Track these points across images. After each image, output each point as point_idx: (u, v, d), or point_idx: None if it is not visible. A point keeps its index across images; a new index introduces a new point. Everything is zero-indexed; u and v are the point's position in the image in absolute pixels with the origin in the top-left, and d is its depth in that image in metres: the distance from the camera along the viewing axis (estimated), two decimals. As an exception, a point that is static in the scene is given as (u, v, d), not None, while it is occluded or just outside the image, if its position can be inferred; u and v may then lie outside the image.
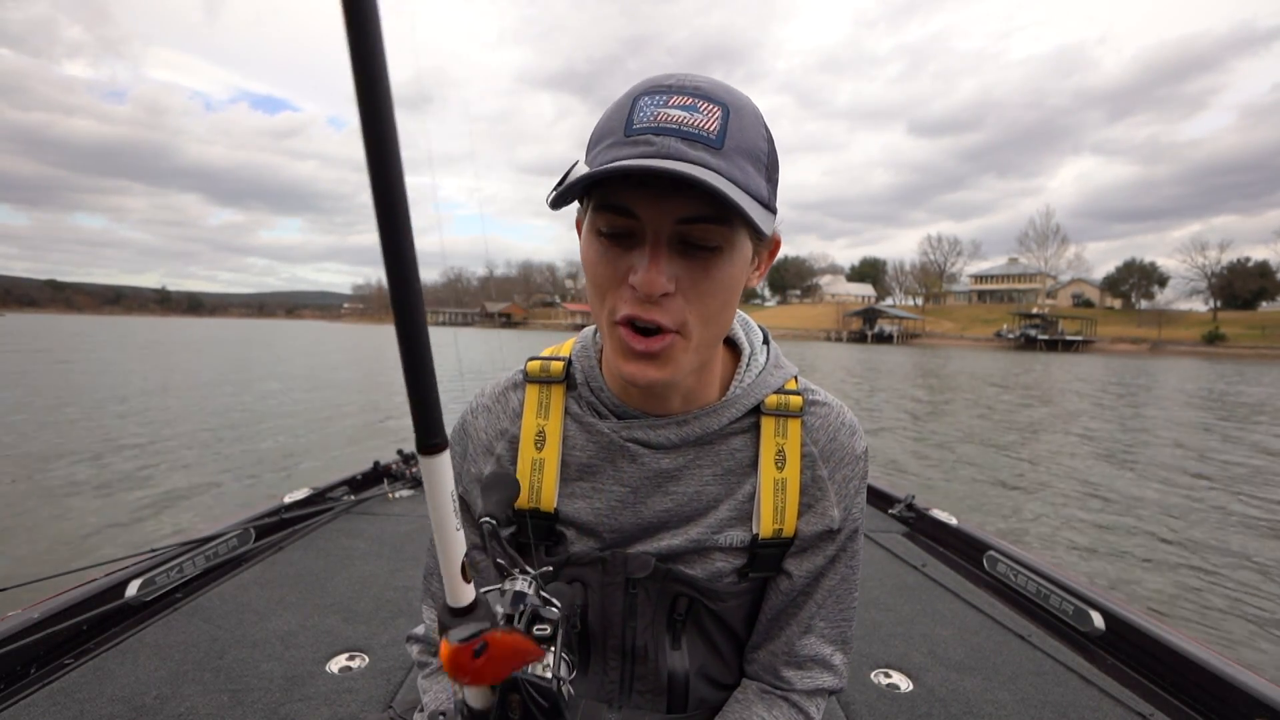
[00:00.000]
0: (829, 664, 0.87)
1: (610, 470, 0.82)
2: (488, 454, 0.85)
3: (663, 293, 0.64)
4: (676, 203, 0.62)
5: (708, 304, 0.66)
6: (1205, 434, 11.30)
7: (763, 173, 0.66)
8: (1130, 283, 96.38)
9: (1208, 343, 67.52)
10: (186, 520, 5.07)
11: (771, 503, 0.81)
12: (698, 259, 0.65)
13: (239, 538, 2.17)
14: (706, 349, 0.71)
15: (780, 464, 0.81)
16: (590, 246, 0.68)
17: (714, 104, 0.63)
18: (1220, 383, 23.85)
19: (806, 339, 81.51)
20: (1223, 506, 6.36)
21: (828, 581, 0.86)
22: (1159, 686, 1.58)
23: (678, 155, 0.60)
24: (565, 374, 0.85)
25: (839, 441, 0.83)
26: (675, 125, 0.61)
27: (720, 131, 0.62)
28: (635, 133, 0.62)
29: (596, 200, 0.65)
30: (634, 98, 0.64)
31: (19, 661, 1.44)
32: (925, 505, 2.77)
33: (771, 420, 0.82)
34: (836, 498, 0.83)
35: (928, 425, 11.62)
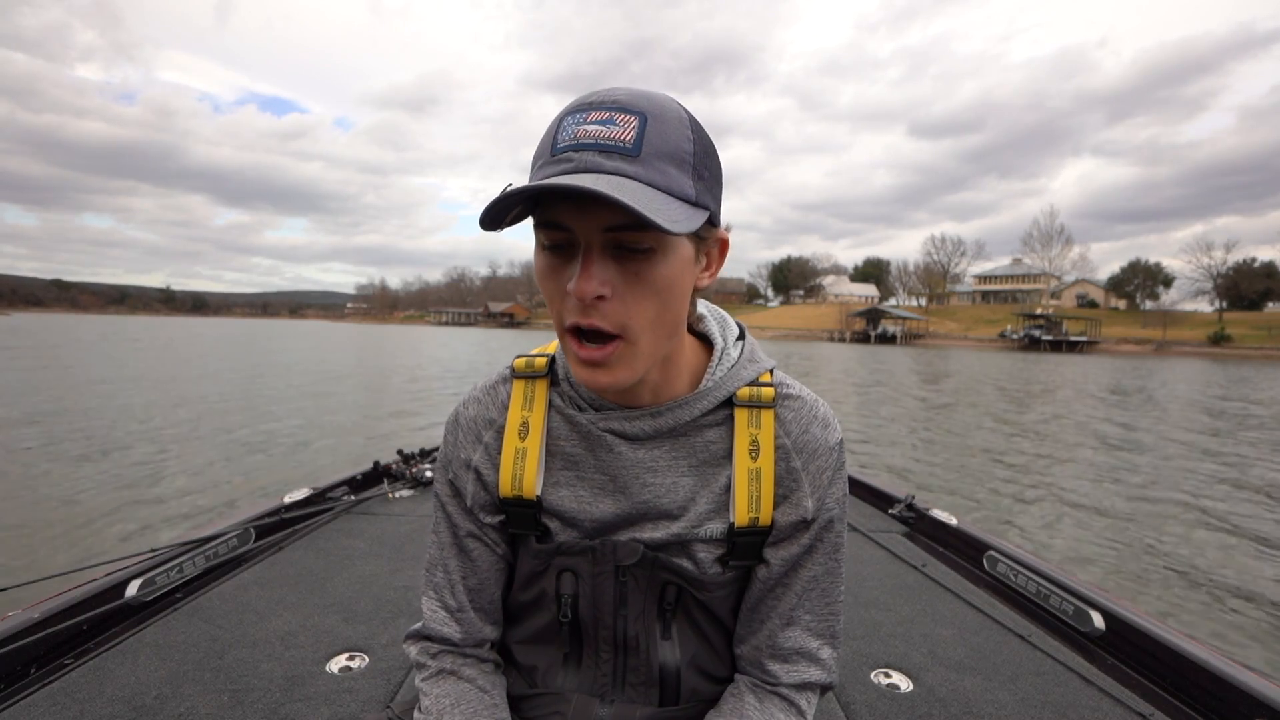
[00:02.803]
0: (815, 658, 0.88)
1: (591, 460, 0.85)
2: (476, 442, 0.89)
3: (596, 296, 0.67)
4: (601, 213, 0.64)
5: (645, 305, 0.69)
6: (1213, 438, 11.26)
7: (688, 172, 0.68)
8: (1135, 283, 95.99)
9: (1213, 343, 67.20)
10: (186, 520, 5.09)
11: (746, 492, 0.84)
12: (630, 263, 0.68)
13: (239, 538, 2.17)
14: (655, 349, 0.74)
15: (754, 454, 0.84)
16: (538, 261, 0.72)
17: (630, 114, 0.66)
18: (1237, 386, 23.75)
19: (809, 339, 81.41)
20: (1225, 506, 6.34)
21: (807, 571, 0.87)
22: (1159, 686, 1.57)
23: (594, 168, 0.64)
24: (548, 369, 0.89)
25: (812, 434, 0.85)
26: (593, 140, 0.65)
27: (637, 140, 0.65)
28: (558, 151, 0.66)
29: (536, 219, 0.69)
30: (560, 119, 0.68)
31: (19, 661, 1.44)
32: (925, 505, 2.76)
33: (745, 411, 0.85)
34: (810, 488, 0.85)
35: (929, 425, 11.59)
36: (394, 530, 2.52)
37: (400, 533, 2.50)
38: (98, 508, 5.30)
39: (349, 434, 9.08)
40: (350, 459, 6.85)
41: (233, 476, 6.47)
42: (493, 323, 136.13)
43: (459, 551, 0.92)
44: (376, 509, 2.78)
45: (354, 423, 10.11)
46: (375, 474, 3.11)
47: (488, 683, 0.90)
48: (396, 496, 2.96)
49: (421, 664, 0.93)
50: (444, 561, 0.92)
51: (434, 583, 0.93)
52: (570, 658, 0.90)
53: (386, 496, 2.94)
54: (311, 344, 37.98)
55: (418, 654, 0.93)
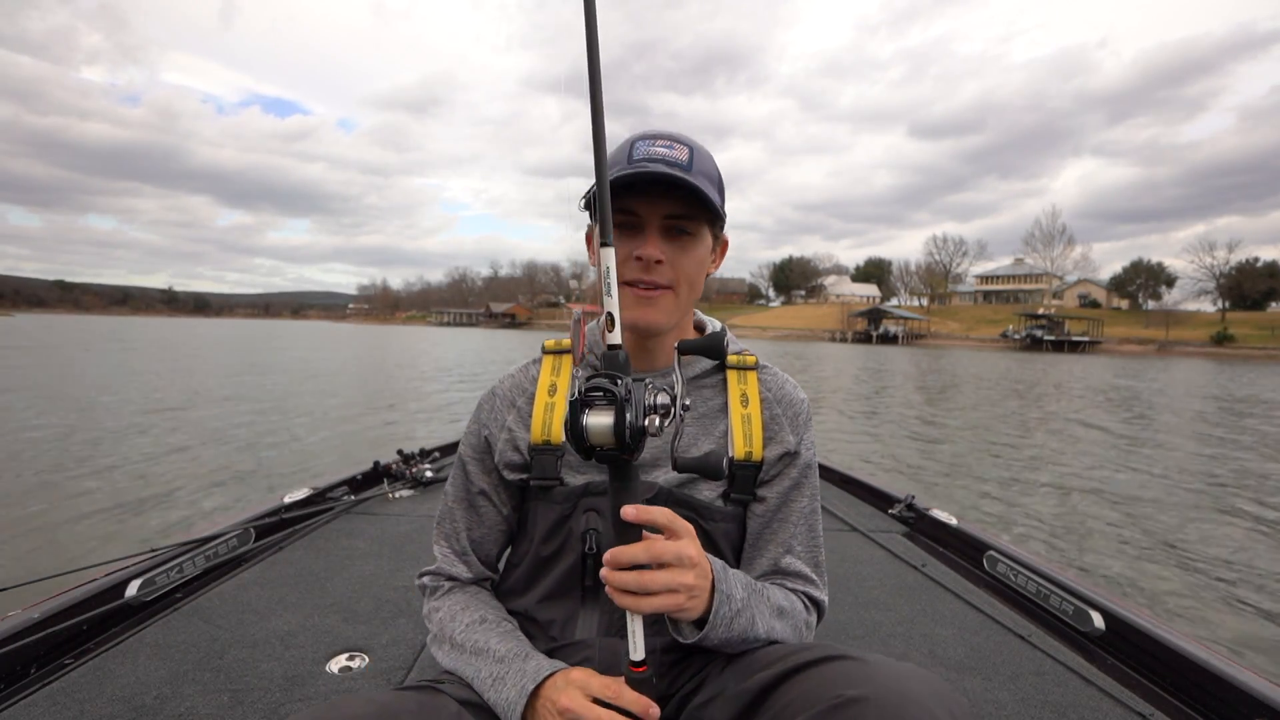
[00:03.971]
0: (811, 579, 1.08)
1: None
2: (510, 406, 1.11)
3: (657, 259, 0.97)
4: (664, 204, 0.98)
5: (686, 270, 1.01)
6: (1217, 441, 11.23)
7: (716, 188, 1.01)
8: (1137, 283, 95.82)
9: (1216, 343, 67.05)
10: (186, 520, 5.09)
11: (741, 431, 1.06)
12: (677, 241, 1.00)
13: (239, 538, 2.17)
14: (686, 305, 1.04)
15: (745, 403, 1.08)
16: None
17: (683, 144, 0.99)
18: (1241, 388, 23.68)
19: (811, 339, 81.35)
20: (1227, 508, 6.33)
21: (796, 505, 1.09)
22: (1159, 686, 1.57)
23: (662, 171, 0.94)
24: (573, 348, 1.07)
25: (786, 391, 1.12)
26: (661, 157, 0.97)
27: (689, 161, 0.98)
28: (636, 162, 0.96)
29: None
30: (632, 142, 1.00)
31: (19, 661, 1.44)
32: (925, 505, 2.76)
33: (734, 372, 1.11)
34: (790, 427, 1.09)
35: (930, 426, 11.58)
36: (394, 530, 2.52)
37: (400, 533, 2.50)
38: (98, 508, 5.31)
39: (349, 433, 9.09)
40: (350, 459, 6.86)
41: (233, 476, 6.48)
42: (494, 323, 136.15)
43: (468, 506, 1.12)
44: (376, 509, 2.78)
45: (354, 422, 10.12)
46: (375, 474, 3.11)
47: (491, 596, 1.12)
48: (396, 496, 2.96)
49: (434, 588, 1.12)
50: (452, 512, 1.13)
51: (444, 531, 1.14)
52: (589, 594, 1.04)
53: (386, 496, 2.94)
54: (313, 344, 37.99)
55: (430, 582, 1.13)
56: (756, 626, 0.93)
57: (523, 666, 0.92)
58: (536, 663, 0.92)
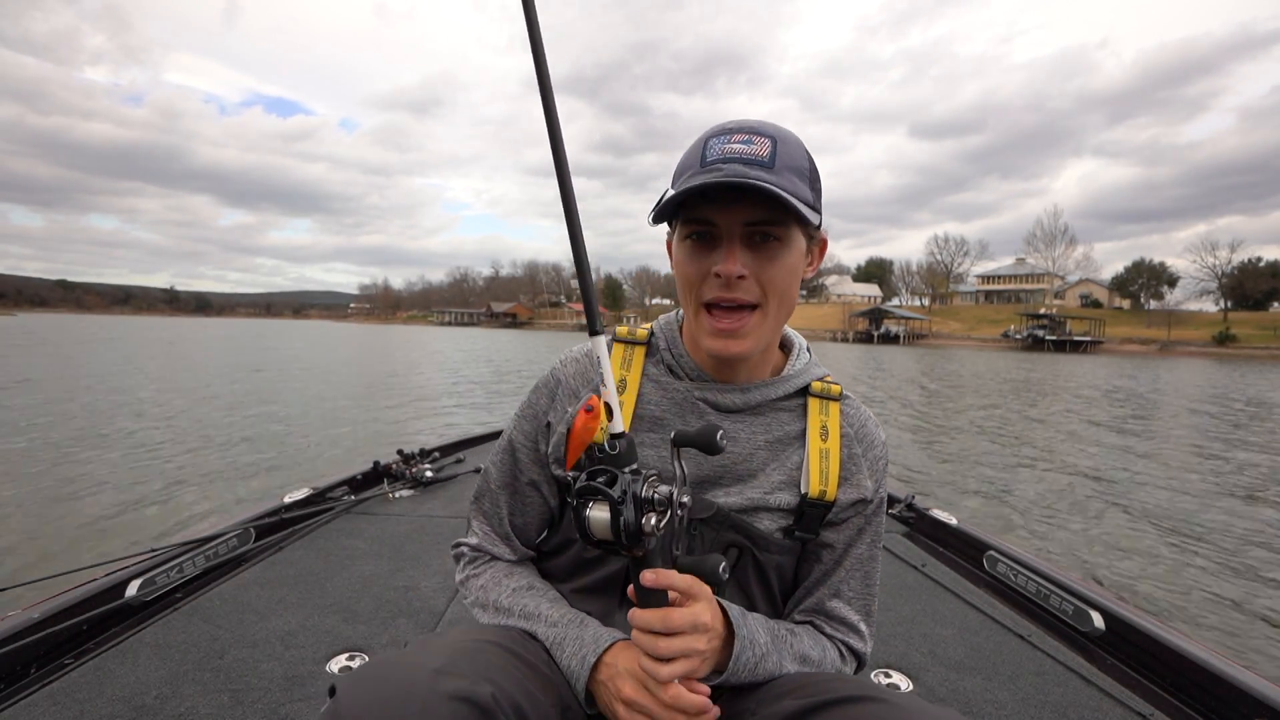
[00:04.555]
0: (856, 628, 1.01)
1: (678, 424, 0.96)
2: (574, 397, 1.00)
3: (739, 275, 0.85)
4: (742, 210, 0.84)
5: (775, 283, 0.87)
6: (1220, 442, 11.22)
7: (806, 182, 0.87)
8: (1139, 283, 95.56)
9: (1218, 343, 66.93)
10: (186, 520, 5.10)
11: (818, 467, 0.97)
12: (762, 251, 0.86)
13: (239, 538, 2.17)
14: (778, 322, 0.92)
15: (824, 436, 0.99)
16: (680, 251, 0.90)
17: (765, 137, 0.85)
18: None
19: (812, 339, 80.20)
20: (1228, 507, 6.32)
21: (856, 550, 1.01)
22: (1159, 686, 1.57)
23: (741, 175, 0.81)
24: (648, 340, 1.03)
25: (868, 430, 1.02)
26: (738, 155, 0.83)
27: (771, 155, 0.84)
28: (709, 164, 0.84)
29: (683, 217, 0.88)
30: (705, 139, 0.87)
31: (19, 661, 1.45)
32: (925, 505, 2.76)
33: (817, 401, 1.01)
34: (869, 472, 1.00)
35: (930, 426, 11.57)
36: (394, 530, 2.52)
37: (400, 533, 2.50)
38: (98, 507, 5.32)
39: (348, 433, 9.09)
40: (350, 459, 6.86)
41: (233, 476, 6.48)
42: (495, 323, 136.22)
43: (513, 493, 1.04)
44: (376, 509, 2.78)
45: (354, 422, 10.12)
46: (375, 474, 3.11)
47: (534, 570, 1.07)
48: (396, 496, 2.96)
49: (473, 558, 1.06)
50: (494, 494, 1.05)
51: (484, 510, 1.06)
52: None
53: (386, 496, 2.94)
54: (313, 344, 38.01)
55: (469, 553, 1.06)
56: (781, 671, 0.90)
57: (580, 633, 0.89)
58: (594, 630, 0.90)
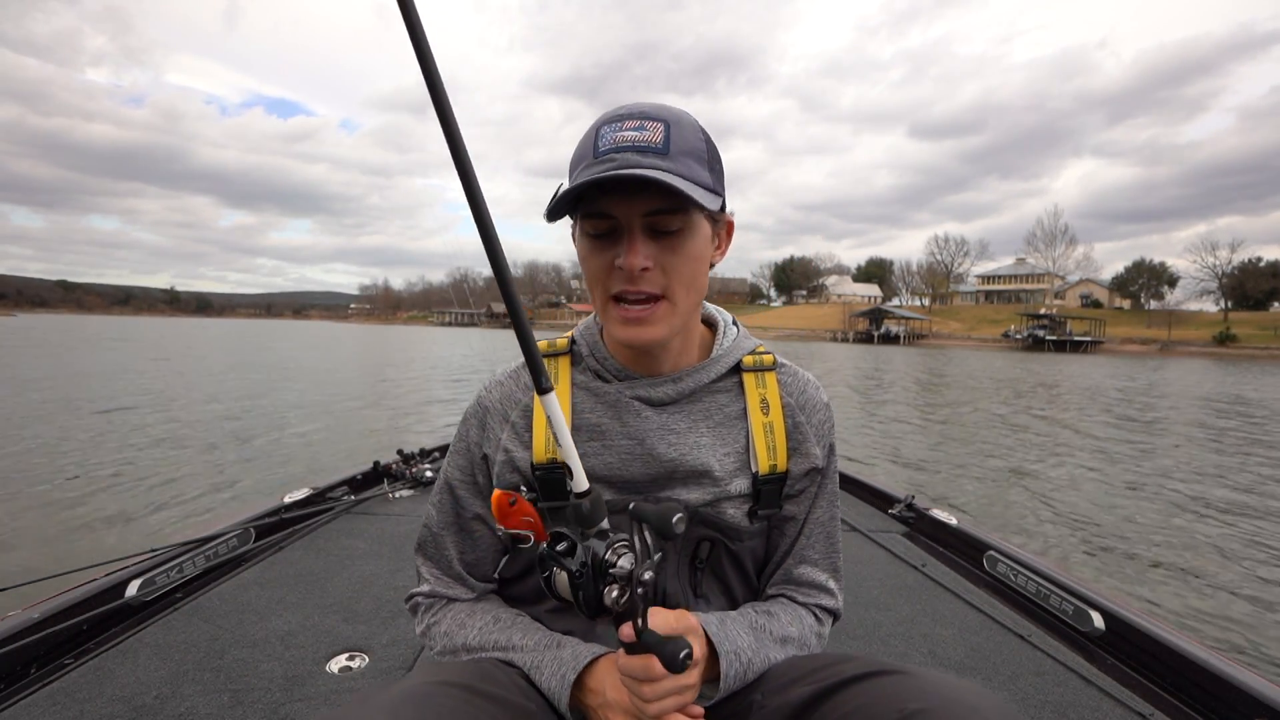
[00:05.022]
0: (824, 587, 1.02)
1: (618, 427, 0.95)
2: (504, 422, 0.99)
3: (642, 268, 0.82)
4: (641, 201, 0.81)
5: (681, 272, 0.85)
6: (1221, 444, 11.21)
7: (705, 165, 0.84)
8: (1139, 283, 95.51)
9: (1219, 343, 66.86)
10: (186, 520, 5.10)
11: (764, 442, 0.96)
12: (666, 240, 0.84)
13: (239, 538, 2.17)
14: (688, 310, 0.89)
15: (765, 409, 0.98)
16: (583, 246, 0.87)
17: (657, 121, 0.81)
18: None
19: (812, 339, 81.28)
20: (1230, 508, 6.32)
21: (815, 515, 1.02)
22: (1159, 686, 1.57)
23: (635, 165, 0.78)
24: (570, 349, 1.01)
25: (809, 394, 1.01)
26: (630, 143, 0.80)
27: (664, 141, 0.80)
28: (601, 154, 0.80)
29: (582, 211, 0.84)
30: (597, 127, 0.83)
31: (19, 661, 1.45)
32: (925, 505, 2.76)
33: (752, 375, 1.00)
34: (815, 437, 1.00)
35: (931, 426, 11.57)
36: (394, 530, 2.52)
37: (400, 533, 2.50)
38: (98, 508, 5.32)
39: (348, 433, 9.09)
40: (350, 459, 6.86)
41: (233, 476, 6.48)
42: (495, 323, 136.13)
43: (459, 530, 1.01)
44: (376, 509, 2.78)
45: (354, 422, 10.12)
46: (375, 474, 3.11)
47: (499, 601, 1.04)
48: (396, 496, 2.96)
49: (429, 607, 1.01)
50: (438, 537, 1.01)
51: (429, 556, 1.03)
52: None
53: (386, 496, 2.94)
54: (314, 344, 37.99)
55: (424, 602, 1.02)
56: (770, 663, 0.90)
57: (558, 654, 0.88)
58: (573, 649, 0.88)
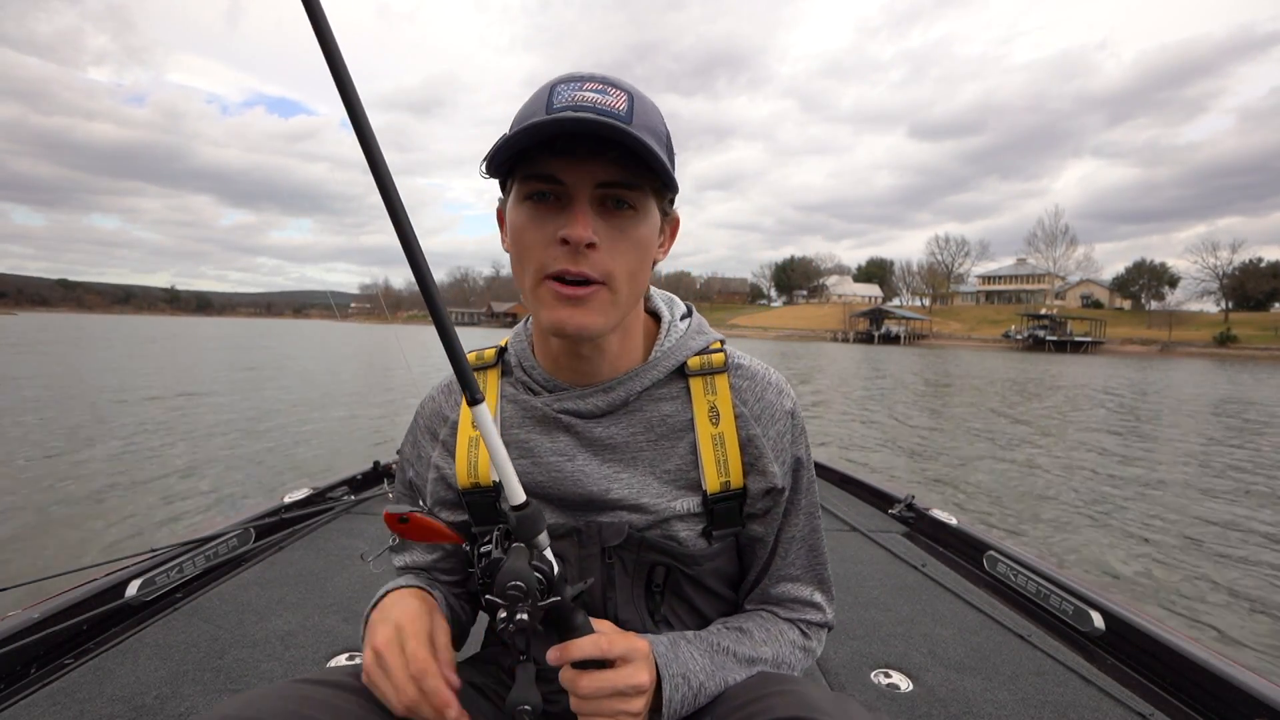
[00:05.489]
0: (809, 602, 0.93)
1: (546, 442, 0.86)
2: (433, 439, 0.93)
3: (589, 243, 0.71)
4: (595, 167, 0.71)
5: (627, 258, 0.74)
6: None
7: (664, 149, 0.73)
8: (1140, 283, 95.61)
9: (1219, 344, 66.88)
10: (186, 520, 5.09)
11: (713, 457, 0.85)
12: (615, 219, 0.74)
13: (239, 538, 2.17)
14: (627, 303, 0.78)
15: (714, 419, 0.86)
16: (519, 214, 0.75)
17: (620, 90, 0.72)
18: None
19: (813, 339, 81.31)
20: (1229, 506, 6.31)
21: (788, 533, 0.91)
22: (1159, 686, 1.57)
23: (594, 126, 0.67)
24: (497, 359, 0.93)
25: (767, 400, 0.88)
26: (591, 104, 0.70)
27: (628, 111, 0.71)
28: (555, 110, 0.69)
29: (523, 173, 0.73)
30: (551, 86, 0.73)
31: (19, 661, 1.45)
32: (925, 505, 2.76)
33: (699, 380, 0.87)
34: (773, 454, 0.87)
35: (931, 425, 11.57)
36: None
37: None
38: (98, 507, 5.31)
39: (348, 433, 9.10)
40: (350, 459, 6.86)
41: (233, 476, 6.48)
42: (496, 322, 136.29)
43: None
44: (376, 509, 2.78)
45: (353, 422, 10.13)
46: (375, 474, 3.11)
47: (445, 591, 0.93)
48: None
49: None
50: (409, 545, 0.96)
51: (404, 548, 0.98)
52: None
53: (387, 496, 2.94)
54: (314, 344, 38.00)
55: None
56: (728, 685, 0.81)
57: (384, 589, 0.85)
58: (394, 582, 0.87)
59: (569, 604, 0.67)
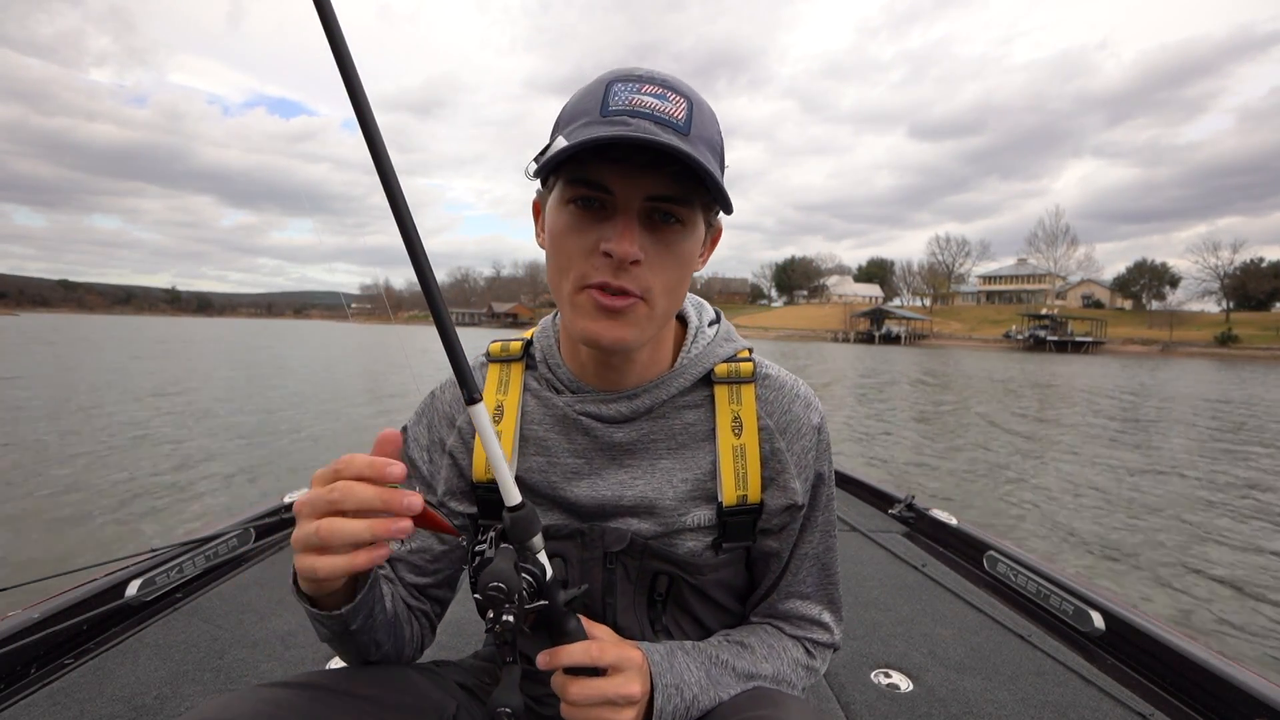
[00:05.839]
0: (817, 621, 0.90)
1: (565, 443, 0.85)
2: (450, 426, 0.89)
3: (633, 259, 0.68)
4: (647, 180, 0.68)
5: (669, 274, 0.72)
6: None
7: (718, 161, 0.72)
8: (1141, 283, 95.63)
9: (1221, 344, 66.87)
10: (186, 520, 5.10)
11: (732, 469, 0.82)
12: (661, 233, 0.71)
13: (239, 538, 2.17)
14: (664, 318, 0.75)
15: (737, 430, 0.83)
16: (560, 217, 0.72)
17: (680, 95, 0.69)
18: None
19: (813, 339, 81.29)
20: (1228, 507, 6.31)
21: (802, 550, 0.88)
22: (1159, 686, 1.57)
23: (652, 135, 0.64)
24: (524, 353, 0.90)
25: (793, 414, 0.85)
26: (649, 110, 0.66)
27: (687, 120, 0.68)
28: (611, 114, 0.67)
29: (569, 175, 0.70)
30: (607, 84, 0.69)
31: (19, 661, 1.44)
32: (925, 505, 2.76)
33: (725, 389, 0.85)
34: (796, 470, 0.84)
35: (931, 425, 11.57)
36: None
37: None
38: (99, 508, 5.32)
39: (349, 434, 9.10)
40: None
41: (233, 476, 6.49)
42: (496, 323, 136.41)
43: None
44: None
45: (353, 422, 10.14)
46: None
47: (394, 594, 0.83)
48: None
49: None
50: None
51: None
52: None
53: None
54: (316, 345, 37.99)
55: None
56: (727, 696, 0.79)
57: None
58: None
59: (560, 608, 0.66)
